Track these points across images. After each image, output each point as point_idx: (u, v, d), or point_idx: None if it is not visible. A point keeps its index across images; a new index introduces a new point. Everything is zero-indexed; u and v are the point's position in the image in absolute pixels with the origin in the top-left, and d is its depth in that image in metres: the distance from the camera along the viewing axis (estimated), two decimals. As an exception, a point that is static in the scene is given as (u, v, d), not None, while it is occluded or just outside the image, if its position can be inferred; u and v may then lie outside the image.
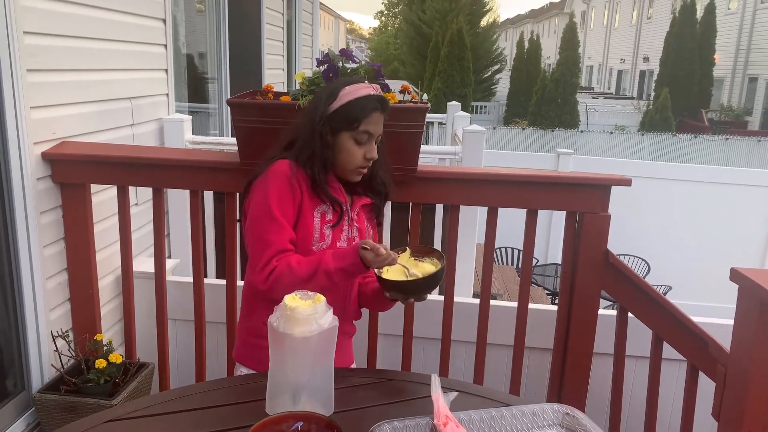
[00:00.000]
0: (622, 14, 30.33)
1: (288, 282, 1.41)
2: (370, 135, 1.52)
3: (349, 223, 1.58)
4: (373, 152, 1.53)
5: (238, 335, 1.67)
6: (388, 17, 49.33)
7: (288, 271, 1.43)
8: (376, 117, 1.52)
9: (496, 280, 5.26)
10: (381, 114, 1.54)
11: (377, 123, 1.53)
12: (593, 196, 2.09)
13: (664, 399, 2.20)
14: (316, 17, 7.65)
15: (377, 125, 1.53)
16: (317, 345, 1.15)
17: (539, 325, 2.35)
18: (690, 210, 6.82)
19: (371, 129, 1.52)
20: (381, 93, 1.55)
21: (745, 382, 1.30)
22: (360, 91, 1.52)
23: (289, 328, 1.13)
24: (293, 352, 1.15)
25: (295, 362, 1.16)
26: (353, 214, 1.59)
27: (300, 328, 1.13)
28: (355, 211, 1.60)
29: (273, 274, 1.43)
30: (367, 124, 1.51)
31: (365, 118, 1.50)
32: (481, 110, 21.10)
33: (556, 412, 1.22)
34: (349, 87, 1.52)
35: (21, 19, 1.97)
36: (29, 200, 2.06)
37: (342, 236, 1.56)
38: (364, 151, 1.52)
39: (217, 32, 4.40)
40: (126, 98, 2.74)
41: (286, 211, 1.47)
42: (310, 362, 1.16)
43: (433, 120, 7.19)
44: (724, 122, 18.48)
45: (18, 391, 2.15)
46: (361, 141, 1.52)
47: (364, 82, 1.55)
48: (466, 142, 3.01)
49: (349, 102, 1.50)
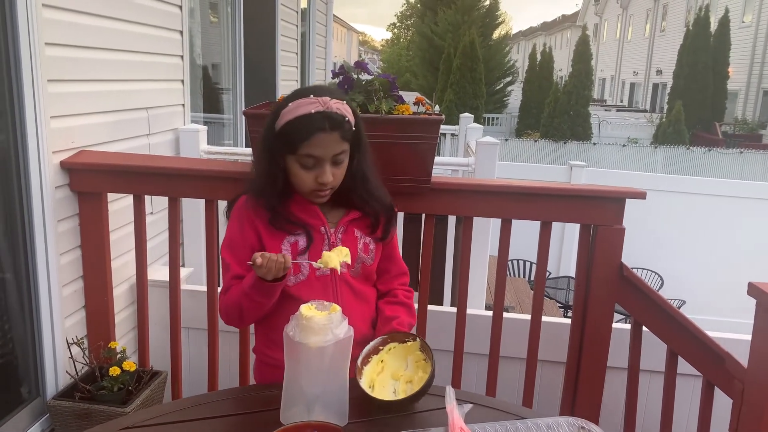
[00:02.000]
0: (635, 27, 30.31)
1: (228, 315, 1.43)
2: (317, 159, 1.33)
3: (329, 246, 1.42)
4: (324, 176, 1.34)
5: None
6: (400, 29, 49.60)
7: (224, 307, 1.43)
8: (322, 139, 1.31)
9: (508, 293, 5.24)
10: (330, 134, 1.32)
11: (323, 145, 1.32)
12: (608, 208, 2.08)
13: (679, 415, 2.18)
14: (330, 29, 7.72)
15: (324, 148, 1.33)
16: (332, 355, 1.16)
17: (552, 338, 2.34)
18: (704, 224, 6.77)
19: (315, 153, 1.32)
20: (328, 108, 1.31)
21: (764, 399, 1.28)
22: (298, 110, 1.32)
23: (305, 338, 1.14)
24: (308, 362, 1.15)
25: (309, 372, 1.16)
26: (338, 234, 1.45)
27: (315, 338, 1.14)
28: (339, 231, 1.46)
29: (221, 311, 1.46)
30: (309, 147, 1.32)
31: (304, 141, 1.31)
32: (492, 122, 21.11)
33: (571, 425, 1.21)
34: (292, 104, 1.34)
35: (43, 30, 2.00)
36: (47, 208, 2.09)
37: None
38: (314, 175, 1.35)
39: (233, 44, 4.45)
40: (143, 108, 2.77)
41: (237, 255, 1.42)
42: (324, 372, 1.16)
43: (445, 131, 7.20)
44: (738, 135, 18.35)
45: (33, 397, 2.17)
46: (307, 165, 1.34)
47: (309, 96, 1.33)
48: (479, 153, 3.01)
49: (288, 122, 1.33)
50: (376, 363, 1.35)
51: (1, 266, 2.04)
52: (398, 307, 1.56)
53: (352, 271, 1.48)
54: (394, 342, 1.38)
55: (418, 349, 1.37)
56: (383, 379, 1.32)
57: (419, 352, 1.36)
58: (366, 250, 1.49)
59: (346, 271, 1.45)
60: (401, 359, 1.36)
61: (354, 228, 1.47)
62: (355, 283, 1.49)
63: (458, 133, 7.04)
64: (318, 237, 1.43)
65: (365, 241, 1.49)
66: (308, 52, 6.68)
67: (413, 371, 1.34)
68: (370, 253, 1.50)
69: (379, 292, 1.58)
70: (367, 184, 1.46)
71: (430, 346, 1.35)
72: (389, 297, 1.59)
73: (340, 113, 1.35)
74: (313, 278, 1.43)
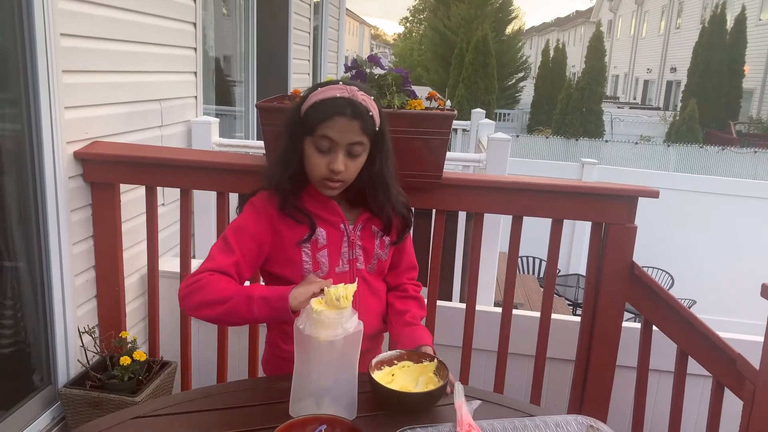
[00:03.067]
0: (650, 24, 30.01)
1: (203, 296, 1.28)
2: (333, 142, 1.33)
3: (349, 243, 1.43)
4: (336, 164, 1.33)
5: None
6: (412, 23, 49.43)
7: (209, 286, 1.29)
8: (341, 123, 1.32)
9: (517, 289, 5.22)
10: (350, 120, 1.32)
11: (342, 130, 1.32)
12: (620, 207, 2.07)
13: (688, 416, 2.17)
14: (342, 23, 7.71)
15: (342, 132, 1.33)
16: (342, 349, 1.16)
17: (561, 336, 2.34)
18: (716, 223, 6.71)
19: (332, 135, 1.32)
20: (353, 96, 1.34)
21: (775, 401, 1.27)
22: (325, 93, 1.35)
23: (315, 332, 1.14)
24: (318, 356, 1.16)
25: (320, 366, 1.16)
26: (356, 231, 1.45)
27: (325, 332, 1.14)
28: (358, 228, 1.46)
29: (196, 284, 1.29)
30: (327, 128, 1.32)
31: (324, 121, 1.32)
32: (504, 118, 21.01)
33: (580, 424, 1.21)
34: (321, 89, 1.37)
35: (58, 21, 2.01)
36: (61, 198, 2.11)
37: (341, 260, 1.43)
38: (327, 161, 1.34)
39: (246, 37, 4.46)
40: (156, 100, 2.78)
41: (241, 241, 1.37)
42: (334, 366, 1.17)
43: (457, 127, 7.18)
44: (753, 135, 18.15)
45: (44, 385, 2.20)
46: (321, 148, 1.34)
47: (338, 84, 1.36)
48: (491, 149, 3.00)
49: (312, 105, 1.35)
50: (386, 373, 1.32)
51: (15, 255, 2.06)
52: (409, 300, 1.58)
53: (368, 267, 1.50)
54: (409, 361, 1.35)
55: (433, 371, 1.33)
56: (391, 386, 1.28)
57: (432, 374, 1.32)
58: (382, 246, 1.50)
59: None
60: (413, 378, 1.33)
61: (372, 225, 1.48)
62: (371, 278, 1.51)
63: (470, 128, 7.02)
64: (337, 234, 1.43)
65: (382, 238, 1.49)
66: (320, 46, 6.67)
67: (422, 388, 1.29)
68: (386, 250, 1.51)
69: (388, 286, 1.59)
70: (388, 192, 1.45)
71: (447, 366, 1.31)
72: (399, 291, 1.60)
73: (365, 105, 1.35)
74: (333, 274, 1.43)
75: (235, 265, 1.35)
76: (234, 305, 1.27)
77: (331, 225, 1.43)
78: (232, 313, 1.28)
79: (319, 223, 1.42)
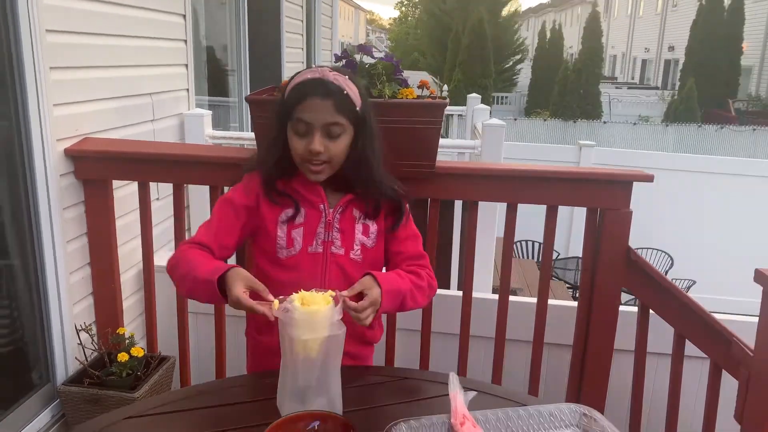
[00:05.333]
0: (647, 2, 29.80)
1: (178, 273, 1.36)
2: (308, 124, 1.35)
3: (326, 224, 1.44)
4: (314, 144, 1.34)
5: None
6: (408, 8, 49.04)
7: (180, 260, 1.37)
8: (314, 104, 1.34)
9: (516, 275, 5.22)
10: (322, 100, 1.34)
11: (315, 110, 1.34)
12: (614, 192, 2.05)
13: (687, 397, 2.17)
14: (336, 9, 7.64)
15: (315, 113, 1.34)
16: (325, 350, 1.14)
17: (560, 321, 2.33)
18: (715, 203, 6.70)
19: (306, 117, 1.34)
20: (323, 76, 1.35)
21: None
22: (299, 77, 1.39)
23: (297, 332, 1.13)
24: (300, 356, 1.14)
25: (303, 365, 1.14)
26: (336, 213, 1.45)
27: (308, 333, 1.12)
28: (338, 210, 1.45)
29: (173, 260, 1.39)
30: (301, 111, 1.35)
31: (298, 104, 1.35)
32: (502, 101, 20.93)
33: (573, 412, 1.21)
34: (297, 75, 1.41)
35: (44, 17, 1.99)
36: (53, 196, 2.10)
37: (315, 241, 1.43)
38: (305, 143, 1.36)
39: (237, 26, 4.42)
40: (147, 94, 2.76)
41: (223, 212, 1.45)
42: (317, 366, 1.15)
43: (452, 112, 7.14)
44: (752, 112, 18.08)
45: (43, 383, 2.20)
46: (299, 131, 1.36)
47: (312, 67, 1.40)
48: (486, 136, 2.98)
49: (290, 89, 1.39)
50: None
51: (9, 254, 2.06)
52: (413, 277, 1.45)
53: (352, 253, 1.45)
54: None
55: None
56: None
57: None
58: (366, 231, 1.47)
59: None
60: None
61: (353, 207, 1.46)
62: (348, 266, 1.45)
63: (465, 114, 6.98)
64: (315, 214, 1.44)
65: (365, 223, 1.47)
66: (314, 33, 6.62)
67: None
68: (371, 237, 1.48)
69: None
70: (369, 170, 1.43)
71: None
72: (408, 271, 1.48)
73: (337, 83, 1.36)
74: (305, 253, 1.43)
75: (214, 236, 1.43)
76: (189, 284, 1.33)
77: (311, 205, 1.45)
78: (192, 294, 1.35)
79: (300, 203, 1.44)
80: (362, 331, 1.49)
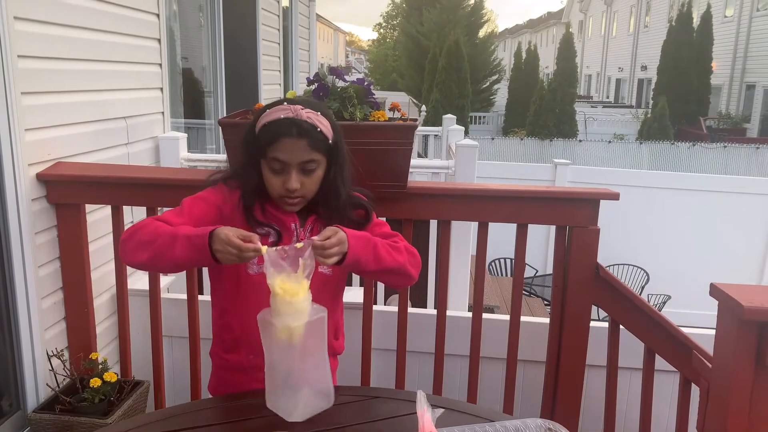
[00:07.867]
0: (620, 23, 30.50)
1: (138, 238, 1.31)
2: (283, 164, 1.38)
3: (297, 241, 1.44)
4: (290, 182, 1.37)
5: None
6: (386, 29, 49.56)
7: (144, 229, 1.33)
8: (288, 144, 1.36)
9: (494, 293, 5.26)
10: (296, 140, 1.36)
11: (290, 150, 1.37)
12: (582, 210, 2.10)
13: (660, 411, 2.21)
14: (313, 32, 7.72)
15: (290, 153, 1.37)
16: (305, 335, 1.18)
17: (534, 338, 2.36)
18: (689, 219, 6.84)
19: (281, 157, 1.37)
20: (297, 116, 1.37)
21: (726, 398, 1.31)
22: (271, 115, 1.39)
23: (275, 319, 1.16)
24: (281, 344, 1.17)
25: (286, 353, 1.17)
26: (306, 231, 1.48)
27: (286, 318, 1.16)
28: (307, 229, 1.49)
29: (133, 227, 1.36)
30: (276, 151, 1.37)
31: (272, 144, 1.37)
32: (480, 121, 21.17)
33: (539, 427, 1.23)
34: (269, 110, 1.41)
35: (15, 43, 2.00)
36: (24, 221, 2.08)
37: None
38: (282, 181, 1.39)
39: (213, 49, 4.45)
40: (121, 117, 2.77)
41: (195, 206, 1.43)
42: (299, 353, 1.18)
43: (428, 133, 7.22)
44: (723, 130, 18.53)
45: (14, 410, 2.16)
46: (274, 168, 1.39)
47: (283, 104, 1.41)
48: (459, 156, 3.03)
49: (262, 126, 1.40)
50: None
51: (-22, 280, 2.04)
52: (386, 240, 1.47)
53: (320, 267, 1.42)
54: None
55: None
56: None
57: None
58: None
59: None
60: None
61: (320, 224, 1.48)
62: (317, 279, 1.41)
63: (441, 134, 7.07)
64: (287, 233, 1.47)
65: None
66: (291, 55, 6.67)
67: None
68: None
69: None
70: (337, 198, 1.46)
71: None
72: None
73: (311, 122, 1.38)
74: None
75: (185, 220, 1.39)
76: (160, 245, 1.28)
77: (283, 224, 1.47)
78: (159, 256, 1.29)
79: (276, 224, 1.46)
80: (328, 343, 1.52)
